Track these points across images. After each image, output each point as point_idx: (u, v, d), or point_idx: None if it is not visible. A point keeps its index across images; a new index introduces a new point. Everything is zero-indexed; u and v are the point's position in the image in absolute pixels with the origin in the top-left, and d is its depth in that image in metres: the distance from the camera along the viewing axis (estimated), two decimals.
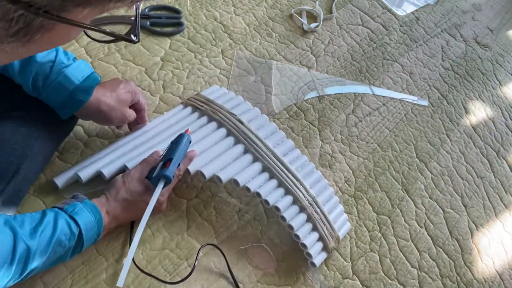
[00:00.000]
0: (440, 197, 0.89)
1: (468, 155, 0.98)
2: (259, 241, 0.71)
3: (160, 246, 0.66)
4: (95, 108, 0.61)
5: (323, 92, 0.95)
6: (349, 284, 0.72)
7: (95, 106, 0.60)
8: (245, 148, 0.72)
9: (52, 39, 0.27)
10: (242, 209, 0.73)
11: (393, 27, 1.15)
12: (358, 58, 1.05)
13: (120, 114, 0.63)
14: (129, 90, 0.64)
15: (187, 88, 0.84)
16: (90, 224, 0.54)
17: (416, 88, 1.05)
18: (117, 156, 0.67)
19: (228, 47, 0.94)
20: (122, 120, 0.65)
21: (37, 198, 0.64)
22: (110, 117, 0.63)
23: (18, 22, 0.23)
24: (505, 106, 1.12)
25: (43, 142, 0.61)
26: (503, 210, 0.93)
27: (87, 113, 0.62)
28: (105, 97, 0.61)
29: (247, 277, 0.67)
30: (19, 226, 0.47)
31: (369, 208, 0.82)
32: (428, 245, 0.82)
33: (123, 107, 0.64)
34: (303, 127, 0.88)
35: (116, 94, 0.62)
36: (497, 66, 1.21)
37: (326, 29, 1.07)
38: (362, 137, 0.91)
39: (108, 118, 0.63)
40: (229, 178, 0.68)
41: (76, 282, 0.60)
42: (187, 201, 0.71)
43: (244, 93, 0.88)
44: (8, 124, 0.57)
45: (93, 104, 0.60)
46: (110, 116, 0.62)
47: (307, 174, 0.74)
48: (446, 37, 1.21)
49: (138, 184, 0.60)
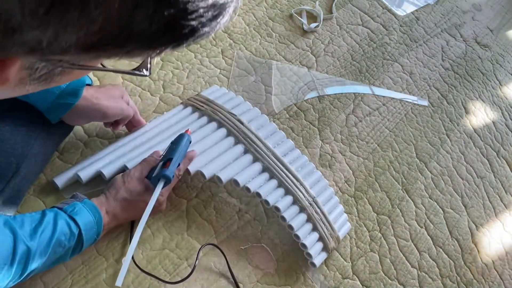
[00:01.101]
0: (440, 197, 0.89)
1: (468, 155, 0.98)
2: (259, 241, 0.71)
3: (160, 246, 0.66)
4: (88, 103, 0.59)
5: (323, 92, 0.95)
6: (349, 284, 0.72)
7: (87, 102, 0.59)
8: (245, 148, 0.72)
9: (70, 79, 0.28)
10: (242, 209, 0.73)
11: (393, 27, 1.15)
12: (358, 58, 1.04)
13: (115, 104, 0.62)
14: (118, 88, 0.64)
15: (187, 88, 0.84)
16: (90, 224, 0.54)
17: (416, 88, 1.05)
18: (117, 156, 0.67)
19: (228, 47, 0.94)
20: (118, 112, 0.63)
21: (37, 198, 0.64)
22: (104, 107, 0.61)
23: (42, 70, 0.25)
24: (505, 106, 1.12)
25: (43, 142, 0.61)
26: (503, 210, 0.93)
27: (81, 113, 0.60)
28: (96, 92, 0.61)
29: (247, 277, 0.67)
30: (19, 227, 0.47)
31: (369, 208, 0.82)
32: (428, 245, 0.82)
33: (117, 100, 0.63)
34: (303, 127, 0.88)
35: (105, 89, 0.62)
36: (497, 66, 1.21)
37: (326, 29, 1.07)
38: (362, 137, 0.91)
39: (103, 109, 0.61)
40: (229, 178, 0.68)
41: (76, 282, 0.60)
42: (187, 201, 0.71)
43: (244, 93, 0.88)
44: (8, 124, 0.57)
45: (85, 104, 0.59)
46: (105, 106, 0.61)
47: (307, 174, 0.74)
48: (446, 37, 1.21)
49: (138, 184, 0.60)
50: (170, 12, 0.21)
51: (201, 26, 0.23)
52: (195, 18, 0.22)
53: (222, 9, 0.23)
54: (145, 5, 0.20)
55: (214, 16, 0.23)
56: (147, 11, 0.21)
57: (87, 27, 0.20)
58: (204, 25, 0.23)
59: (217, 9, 0.23)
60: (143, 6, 0.20)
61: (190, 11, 0.22)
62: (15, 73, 0.23)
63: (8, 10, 0.18)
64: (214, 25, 0.24)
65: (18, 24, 0.19)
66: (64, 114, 0.59)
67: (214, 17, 0.24)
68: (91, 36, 0.21)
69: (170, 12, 0.21)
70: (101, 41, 0.21)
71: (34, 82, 0.26)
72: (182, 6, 0.21)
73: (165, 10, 0.21)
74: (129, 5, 0.20)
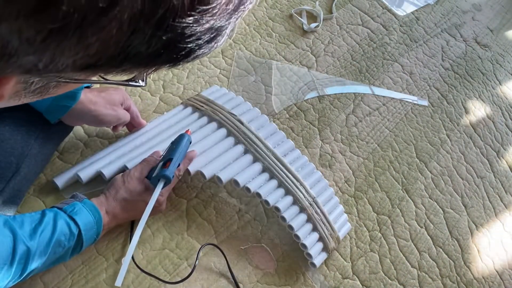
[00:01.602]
0: (440, 197, 0.89)
1: (468, 155, 0.98)
2: (259, 241, 0.71)
3: (160, 246, 0.66)
4: (85, 108, 0.59)
5: (323, 92, 0.95)
6: (349, 284, 0.72)
7: (84, 107, 0.59)
8: (245, 148, 0.72)
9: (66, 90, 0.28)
10: (242, 209, 0.73)
11: (393, 27, 1.15)
12: (358, 58, 1.04)
13: (112, 112, 0.62)
14: (119, 92, 0.64)
15: (187, 88, 0.84)
16: (90, 224, 0.54)
17: (416, 88, 1.05)
18: (117, 157, 0.67)
19: (228, 47, 0.94)
20: (114, 120, 0.64)
21: (37, 198, 0.64)
22: (101, 115, 0.61)
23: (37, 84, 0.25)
24: (505, 106, 1.12)
25: (43, 142, 0.61)
26: (503, 210, 0.93)
27: (78, 116, 0.61)
28: (95, 97, 0.61)
29: (247, 277, 0.67)
30: (18, 227, 0.47)
31: (369, 208, 0.82)
32: (428, 245, 0.82)
33: (115, 107, 0.63)
34: (303, 127, 0.88)
35: (106, 93, 0.62)
36: (497, 66, 1.21)
37: (326, 29, 1.07)
38: (362, 137, 0.91)
39: (99, 116, 0.61)
40: (229, 178, 0.68)
41: (76, 282, 0.60)
42: (187, 201, 0.71)
43: (244, 93, 0.88)
44: (8, 123, 0.57)
45: (83, 108, 0.59)
46: (101, 114, 0.61)
47: (307, 175, 0.74)
48: (446, 37, 1.20)
49: (137, 184, 0.60)
50: (167, 36, 0.21)
51: (198, 48, 0.24)
52: (192, 41, 0.23)
53: (219, 31, 0.24)
54: (142, 30, 0.20)
55: (212, 38, 0.24)
56: (145, 36, 0.21)
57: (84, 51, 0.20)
58: (201, 47, 0.24)
59: (214, 31, 0.23)
60: (141, 31, 0.20)
61: (188, 35, 0.22)
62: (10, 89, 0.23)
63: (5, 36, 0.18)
64: (211, 46, 0.25)
65: (15, 50, 0.19)
66: (62, 115, 0.59)
67: (211, 39, 0.24)
68: (87, 58, 0.21)
69: (167, 36, 0.21)
70: (98, 62, 0.21)
71: (29, 95, 0.26)
72: (180, 30, 0.21)
73: (163, 35, 0.21)
74: (127, 31, 0.20)
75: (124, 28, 0.20)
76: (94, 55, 0.21)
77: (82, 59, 0.21)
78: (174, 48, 0.22)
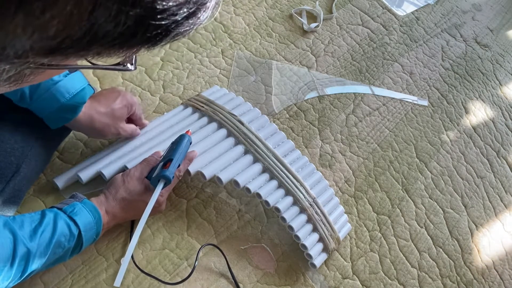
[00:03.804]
0: (440, 197, 0.89)
1: (468, 155, 0.98)
2: (259, 241, 0.71)
3: (160, 246, 0.66)
4: (88, 124, 0.60)
5: (323, 92, 0.95)
6: (349, 284, 0.72)
7: (88, 123, 0.60)
8: (245, 148, 0.72)
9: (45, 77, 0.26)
10: (242, 209, 0.73)
11: (393, 27, 1.15)
12: (358, 58, 1.04)
13: (114, 129, 0.63)
14: (125, 104, 0.63)
15: (187, 88, 0.84)
16: (90, 225, 0.54)
17: (416, 88, 1.05)
18: (117, 157, 0.67)
19: (228, 47, 0.94)
20: (116, 135, 0.65)
21: (37, 198, 0.64)
22: (103, 133, 0.62)
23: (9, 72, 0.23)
24: (505, 106, 1.12)
25: (43, 142, 0.61)
26: (503, 210, 0.93)
27: (79, 128, 0.61)
28: (99, 115, 0.60)
29: (247, 277, 0.67)
30: (18, 228, 0.47)
31: (369, 208, 0.82)
32: (428, 245, 0.82)
33: (118, 122, 0.63)
34: (303, 127, 0.88)
35: (111, 110, 0.61)
36: (497, 66, 1.21)
37: (326, 29, 1.07)
38: (362, 137, 0.91)
39: (101, 134, 0.62)
40: (230, 178, 0.68)
41: (76, 282, 0.60)
42: (187, 201, 0.71)
43: (244, 93, 0.88)
44: (8, 124, 0.57)
45: (86, 121, 0.59)
46: (104, 132, 0.62)
47: (307, 175, 0.74)
48: (446, 37, 1.20)
49: (137, 184, 0.60)
50: (136, 12, 0.19)
51: (176, 25, 0.22)
52: (166, 17, 0.21)
53: (199, 5, 0.22)
54: (105, 6, 0.19)
55: (191, 13, 0.21)
56: (109, 12, 0.19)
57: (40, 32, 0.19)
58: (179, 24, 0.22)
59: (192, 6, 0.21)
60: (104, 7, 0.19)
61: (160, 10, 0.20)
62: None
63: None
64: (192, 23, 0.22)
65: None
66: (62, 125, 0.59)
67: (190, 15, 0.22)
68: (48, 41, 0.19)
69: (136, 12, 0.19)
70: (61, 44, 0.20)
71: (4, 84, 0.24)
72: (149, 5, 0.19)
73: (130, 10, 0.19)
74: (86, 7, 0.18)
75: (82, 4, 0.18)
76: (55, 37, 0.19)
77: (42, 42, 0.19)
78: (147, 26, 0.20)
